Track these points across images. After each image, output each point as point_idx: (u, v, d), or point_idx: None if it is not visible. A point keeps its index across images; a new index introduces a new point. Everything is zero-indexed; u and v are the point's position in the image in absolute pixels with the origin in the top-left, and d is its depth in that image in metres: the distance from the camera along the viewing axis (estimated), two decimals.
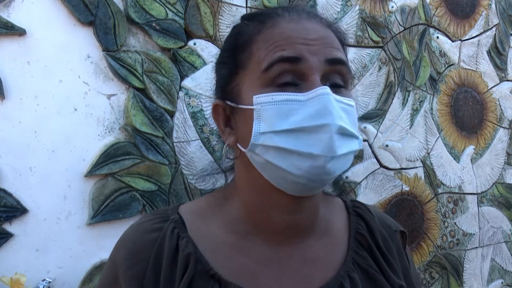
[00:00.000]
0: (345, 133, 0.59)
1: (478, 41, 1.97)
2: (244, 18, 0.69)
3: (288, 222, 0.66)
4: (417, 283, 0.74)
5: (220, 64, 0.70)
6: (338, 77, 0.61)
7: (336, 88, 0.60)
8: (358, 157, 1.56)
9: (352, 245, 0.69)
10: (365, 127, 1.57)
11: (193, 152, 1.21)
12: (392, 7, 1.67)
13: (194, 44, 1.23)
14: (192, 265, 0.62)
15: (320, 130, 0.57)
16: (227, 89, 0.66)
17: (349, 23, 1.56)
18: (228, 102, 0.65)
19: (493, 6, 2.03)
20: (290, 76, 0.59)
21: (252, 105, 0.59)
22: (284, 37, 0.60)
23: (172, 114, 1.19)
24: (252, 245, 0.66)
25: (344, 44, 0.67)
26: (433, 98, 1.79)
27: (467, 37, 1.93)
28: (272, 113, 0.58)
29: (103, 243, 1.08)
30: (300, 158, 0.57)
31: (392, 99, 1.66)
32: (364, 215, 0.73)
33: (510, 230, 2.07)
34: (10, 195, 0.97)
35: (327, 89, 0.57)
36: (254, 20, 0.66)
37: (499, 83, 2.05)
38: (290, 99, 0.58)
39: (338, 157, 0.58)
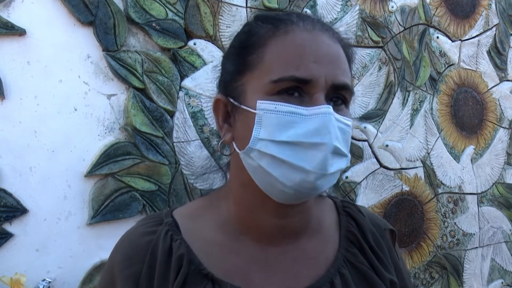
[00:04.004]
0: (338, 153, 0.61)
1: (478, 41, 1.97)
2: (257, 18, 0.69)
3: (277, 225, 0.67)
4: (408, 280, 0.76)
5: (227, 59, 0.70)
6: (340, 97, 0.64)
7: (338, 106, 0.63)
8: (358, 157, 1.56)
9: (343, 243, 0.71)
10: (365, 127, 1.57)
11: (193, 152, 1.21)
12: (392, 7, 1.67)
13: (194, 44, 1.23)
14: (186, 265, 0.64)
15: (316, 148, 0.59)
16: (231, 86, 0.66)
17: (349, 23, 1.56)
18: (231, 100, 0.66)
19: (493, 6, 2.03)
20: (297, 91, 0.61)
21: (255, 109, 0.61)
22: (297, 50, 0.62)
23: (172, 114, 1.19)
24: (242, 245, 0.67)
25: (351, 60, 0.70)
26: (433, 98, 1.79)
27: (467, 37, 1.93)
28: (273, 122, 0.60)
29: (103, 243, 1.08)
30: (292, 170, 0.59)
31: (392, 99, 1.66)
32: (354, 215, 0.75)
33: (510, 230, 2.07)
34: (10, 195, 0.97)
35: (330, 109, 0.59)
36: (268, 23, 0.66)
37: (499, 83, 2.05)
38: (293, 112, 0.59)
39: (328, 175, 0.60)
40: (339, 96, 0.63)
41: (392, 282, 0.69)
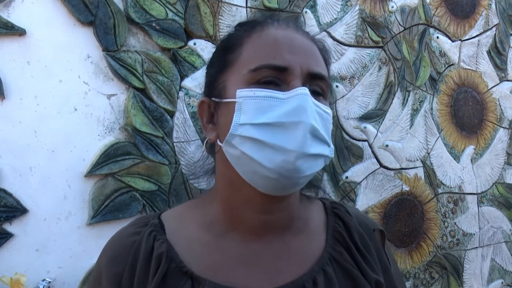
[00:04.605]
0: (317, 136, 0.63)
1: (478, 41, 1.97)
2: (237, 25, 0.75)
3: (261, 221, 0.68)
4: (399, 281, 0.75)
5: (210, 65, 0.75)
6: (317, 87, 0.66)
7: (315, 95, 0.65)
8: (358, 157, 1.56)
9: (329, 242, 0.71)
10: (365, 127, 1.57)
11: (193, 152, 1.21)
12: (392, 7, 1.67)
13: (194, 44, 1.23)
14: (165, 263, 0.65)
15: (294, 127, 0.61)
16: (213, 86, 0.70)
17: (349, 23, 1.56)
18: (213, 98, 0.69)
19: (493, 6, 2.03)
20: (274, 81, 0.64)
21: (235, 98, 0.63)
22: (272, 42, 0.65)
23: (172, 114, 1.19)
24: (226, 242, 0.69)
25: (327, 61, 0.72)
26: (433, 98, 1.79)
27: (467, 37, 1.93)
28: (253, 107, 0.62)
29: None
30: (273, 151, 0.61)
31: (392, 99, 1.66)
32: (342, 215, 0.76)
33: (510, 230, 2.07)
34: (10, 195, 0.97)
35: (306, 90, 0.62)
36: (245, 26, 0.71)
37: (499, 83, 2.05)
38: (271, 96, 0.62)
39: (308, 156, 0.62)
40: (315, 88, 0.66)
41: (377, 282, 0.69)
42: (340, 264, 0.69)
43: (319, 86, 0.66)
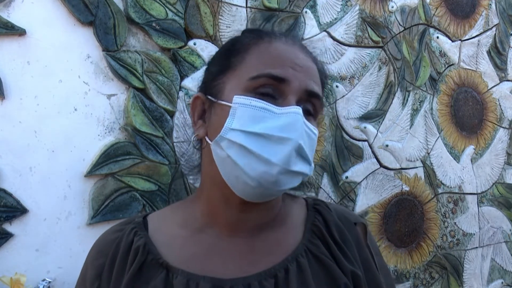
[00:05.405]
0: (301, 155, 0.65)
1: (478, 41, 1.97)
2: (244, 31, 0.78)
3: (240, 218, 0.71)
4: (384, 274, 0.76)
5: (212, 63, 0.77)
6: (310, 106, 0.69)
7: (307, 114, 0.68)
8: (358, 157, 1.56)
9: (306, 235, 0.73)
10: (365, 127, 1.57)
11: (193, 152, 1.21)
12: (392, 7, 1.67)
13: (194, 44, 1.23)
14: (141, 255, 0.68)
15: (282, 142, 0.63)
16: (211, 84, 0.72)
17: (349, 23, 1.56)
18: (209, 96, 0.71)
19: (493, 6, 2.03)
20: (271, 90, 0.66)
21: (231, 103, 0.66)
22: (277, 55, 0.68)
23: (172, 114, 1.19)
24: (204, 237, 0.72)
25: (324, 83, 0.76)
26: (433, 98, 1.79)
27: (467, 37, 1.93)
28: (246, 115, 0.64)
29: None
30: (257, 161, 0.63)
31: (392, 99, 1.66)
32: (322, 210, 0.78)
33: (510, 230, 2.07)
34: (10, 195, 0.97)
35: (299, 110, 0.65)
36: (253, 34, 0.74)
37: (499, 83, 2.05)
38: (266, 108, 0.65)
39: (290, 172, 0.64)
40: (308, 107, 0.69)
41: (353, 273, 0.70)
42: (316, 255, 0.71)
43: (313, 104, 0.69)
